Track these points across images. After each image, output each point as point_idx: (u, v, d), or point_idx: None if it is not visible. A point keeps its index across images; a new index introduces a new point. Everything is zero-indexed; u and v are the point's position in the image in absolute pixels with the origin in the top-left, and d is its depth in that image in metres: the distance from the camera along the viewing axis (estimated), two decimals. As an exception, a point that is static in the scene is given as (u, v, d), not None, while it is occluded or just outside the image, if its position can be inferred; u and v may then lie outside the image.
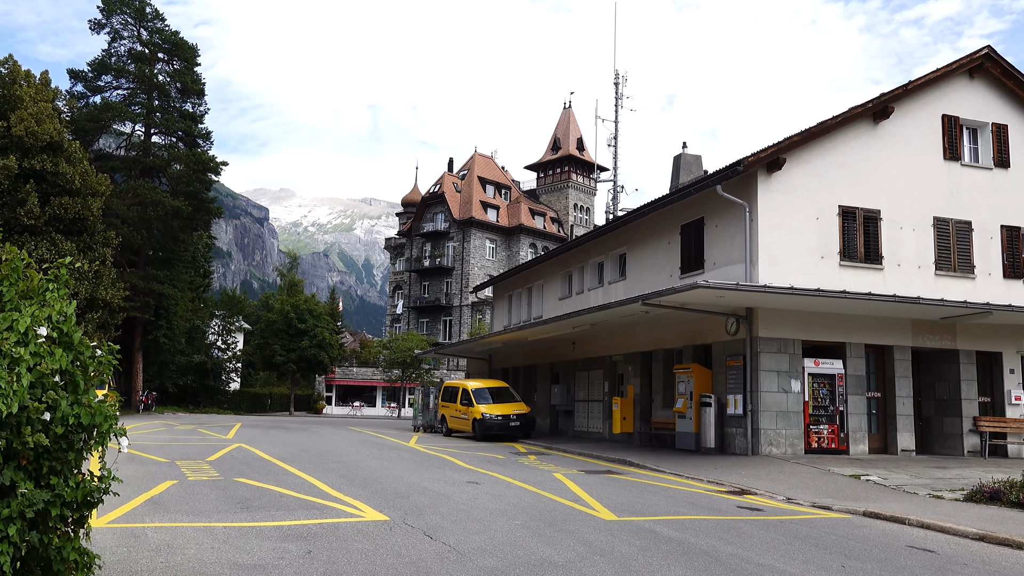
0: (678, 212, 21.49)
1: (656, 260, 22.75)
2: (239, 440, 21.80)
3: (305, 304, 52.85)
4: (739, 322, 18.33)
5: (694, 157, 29.79)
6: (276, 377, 61.23)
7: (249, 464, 15.18)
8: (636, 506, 11.20)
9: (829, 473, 15.32)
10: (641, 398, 23.06)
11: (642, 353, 23.19)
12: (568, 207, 77.71)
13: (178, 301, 40.61)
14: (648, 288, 23.06)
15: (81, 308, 31.52)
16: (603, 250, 26.37)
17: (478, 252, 71.39)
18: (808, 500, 12.50)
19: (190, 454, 16.89)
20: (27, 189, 30.14)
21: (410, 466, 15.83)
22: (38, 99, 31.91)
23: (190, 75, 40.51)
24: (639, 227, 23.74)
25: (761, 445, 17.61)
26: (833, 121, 18.88)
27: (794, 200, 18.64)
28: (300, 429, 29.33)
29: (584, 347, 26.63)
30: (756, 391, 17.81)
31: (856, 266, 18.96)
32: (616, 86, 36.60)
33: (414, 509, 10.16)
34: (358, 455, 18.11)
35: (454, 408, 27.04)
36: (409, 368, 55.43)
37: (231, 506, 10.00)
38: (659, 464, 16.91)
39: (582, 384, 27.19)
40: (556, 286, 30.33)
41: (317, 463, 15.84)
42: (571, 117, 79.97)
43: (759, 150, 18.04)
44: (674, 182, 29.98)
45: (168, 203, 37.75)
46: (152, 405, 42.27)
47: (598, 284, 26.82)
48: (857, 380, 18.73)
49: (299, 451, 18.66)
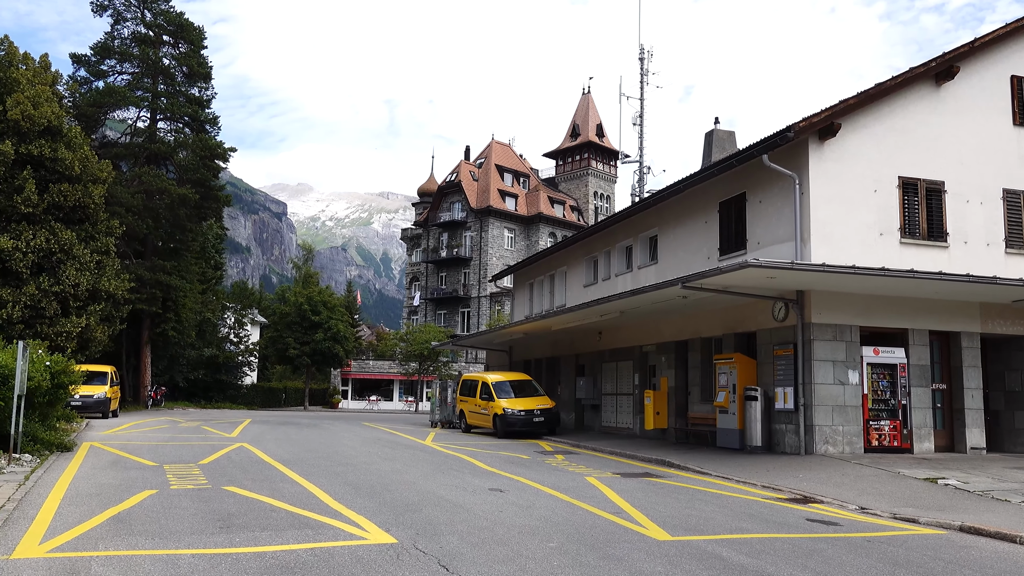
0: (716, 188, 19.65)
1: (691, 241, 20.93)
2: (243, 439, 20.26)
3: (319, 296, 51.31)
4: (788, 307, 16.50)
5: (727, 133, 27.92)
6: (291, 371, 59.87)
7: (244, 468, 13.58)
8: (690, 520, 9.47)
9: (899, 476, 13.50)
10: (676, 391, 21.28)
11: (676, 343, 21.40)
12: (588, 195, 75.75)
13: (187, 293, 39.13)
14: (682, 272, 21.26)
15: (83, 300, 30.11)
16: (631, 233, 24.56)
17: (496, 242, 69.67)
18: (886, 510, 10.71)
19: (183, 456, 15.32)
20: (24, 176, 28.66)
21: (425, 469, 14.17)
22: (36, 82, 30.44)
23: (196, 58, 38.94)
24: (672, 206, 21.91)
25: (815, 443, 15.79)
26: (892, 82, 16.95)
27: (849, 170, 16.75)
28: (311, 425, 27.81)
29: (612, 337, 24.86)
30: (809, 383, 15.98)
31: (918, 244, 17.04)
32: (641, 61, 34.57)
33: (427, 527, 8.50)
34: (368, 456, 16.48)
35: (473, 403, 25.38)
36: (426, 361, 53.86)
37: (209, 524, 8.37)
38: (702, 465, 15.15)
39: (610, 377, 25.44)
40: (580, 273, 28.56)
41: (322, 466, 14.23)
42: (590, 103, 77.92)
43: (811, 114, 16.17)
44: (706, 161, 28.11)
45: (174, 191, 36.23)
46: (161, 400, 40.93)
47: (626, 269, 25.03)
48: (921, 370, 16.85)
49: (304, 451, 17.06)
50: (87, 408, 26.87)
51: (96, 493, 10.39)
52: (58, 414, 16.84)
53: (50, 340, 28.19)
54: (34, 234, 28.73)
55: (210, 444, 18.32)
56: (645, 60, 34.68)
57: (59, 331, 28.97)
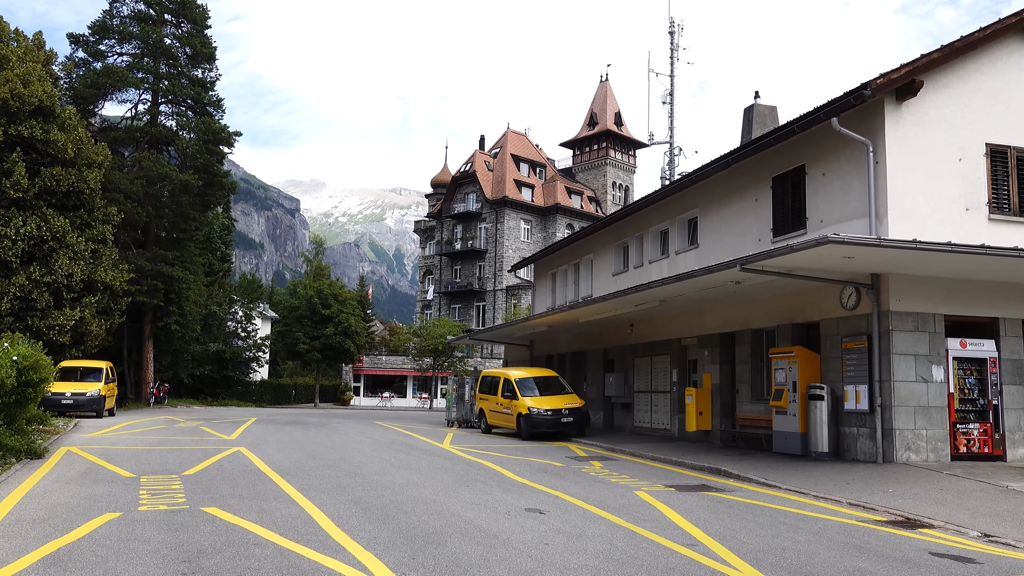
0: (769, 161, 17.51)
1: (738, 222, 18.78)
2: (242, 442, 18.32)
3: (329, 289, 49.35)
4: (860, 292, 14.36)
5: (768, 108, 25.69)
6: (301, 367, 58.00)
7: (234, 481, 11.59)
8: (787, 557, 7.38)
9: (1009, 491, 11.36)
10: (721, 389, 19.15)
11: (721, 335, 19.26)
12: (606, 185, 73.50)
13: (191, 285, 37.18)
14: (726, 256, 19.13)
15: (77, 291, 28.29)
16: (667, 215, 22.43)
17: (512, 233, 67.58)
18: (1018, 539, 8.60)
19: (167, 465, 13.36)
20: (13, 159, 26.85)
21: (446, 481, 12.14)
22: (27, 60, 28.64)
23: (199, 38, 36.93)
24: (715, 184, 19.76)
25: (895, 449, 13.65)
26: (980, 34, 14.74)
27: (930, 137, 14.56)
28: (319, 425, 25.87)
29: (645, 329, 22.76)
30: (887, 380, 13.83)
31: (1010, 220, 14.83)
32: (671, 35, 32.23)
33: (455, 570, 6.45)
34: (380, 463, 14.47)
35: (494, 401, 23.33)
36: (441, 356, 51.87)
37: (169, 569, 6.37)
38: (766, 475, 13.04)
39: (643, 372, 23.33)
40: (608, 260, 26.43)
41: (325, 477, 12.23)
42: (608, 91, 75.62)
43: (888, 71, 13.99)
44: (745, 138, 25.90)
45: (176, 176, 34.25)
46: (164, 398, 39.04)
47: (660, 255, 22.90)
48: (1015, 366, 14.66)
49: (307, 458, 15.07)
50: (79, 407, 25.03)
51: (43, 518, 8.42)
52: (28, 415, 14.90)
53: (42, 334, 26.40)
54: (24, 220, 26.95)
55: (203, 448, 16.37)
56: (675, 34, 32.35)
57: (51, 324, 27.18)
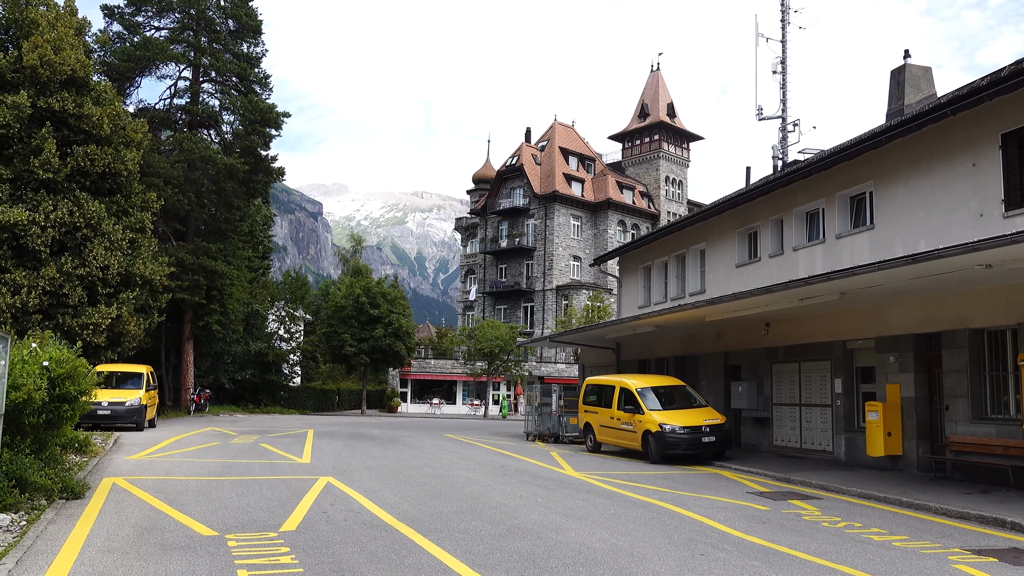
0: (994, 114, 13.69)
1: (942, 195, 14.94)
2: (322, 467, 14.74)
3: (378, 287, 45.81)
4: None
5: (923, 70, 21.83)
6: (343, 371, 54.48)
7: (360, 543, 7.95)
8: None
9: None
10: (916, 404, 15.30)
11: (916, 336, 15.40)
12: (659, 180, 69.53)
13: (234, 281, 33.78)
14: (920, 238, 15.31)
15: (114, 286, 24.90)
16: (819, 192, 18.62)
17: (562, 230, 63.83)
18: None
19: (252, 510, 9.77)
20: (43, 135, 23.47)
21: (657, 543, 8.41)
22: (58, 25, 25.35)
23: (244, 8, 33.48)
24: (900, 149, 15.94)
25: None
26: None
27: None
28: (392, 440, 22.30)
29: (788, 330, 18.95)
30: None
31: None
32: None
33: None
34: (533, 508, 10.73)
35: (608, 415, 19.59)
36: (495, 360, 48.20)
37: None
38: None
39: (785, 381, 19.51)
40: (728, 249, 22.63)
41: (482, 535, 8.55)
42: (659, 80, 71.70)
43: None
44: (893, 106, 22.05)
45: (220, 160, 30.86)
46: (205, 405, 35.59)
47: (808, 241, 19.11)
48: None
49: (427, 496, 11.41)
50: (117, 418, 21.71)
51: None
52: (61, 441, 11.39)
53: (75, 334, 23.04)
54: (54, 205, 23.55)
55: (283, 480, 12.79)
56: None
57: (85, 323, 23.73)
